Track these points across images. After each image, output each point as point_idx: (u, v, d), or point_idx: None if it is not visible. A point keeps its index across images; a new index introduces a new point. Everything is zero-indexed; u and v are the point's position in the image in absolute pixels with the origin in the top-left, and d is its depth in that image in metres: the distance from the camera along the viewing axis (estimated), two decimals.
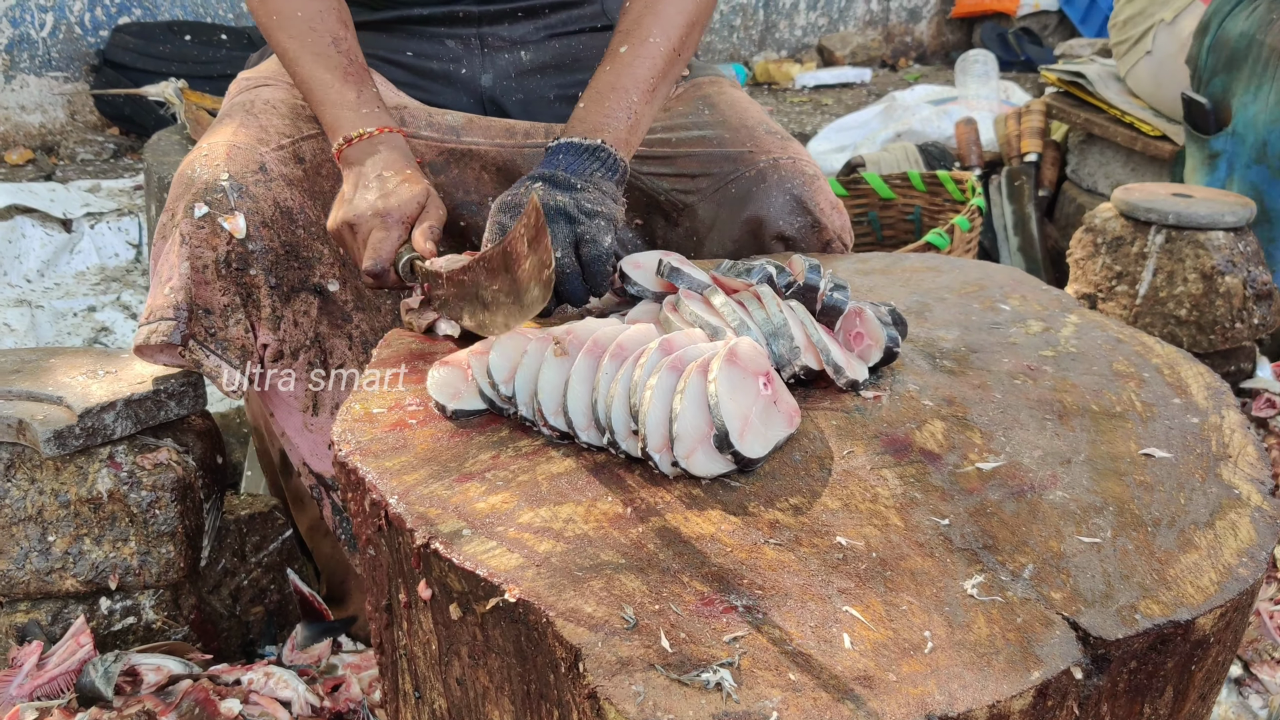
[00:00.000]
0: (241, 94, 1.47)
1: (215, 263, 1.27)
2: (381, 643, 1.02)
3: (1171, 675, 0.81)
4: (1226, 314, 1.96)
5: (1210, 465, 0.96)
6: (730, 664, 0.72)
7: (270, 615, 1.55)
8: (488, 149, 1.51)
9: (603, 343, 0.97)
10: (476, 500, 0.88)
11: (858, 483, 0.91)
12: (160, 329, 1.26)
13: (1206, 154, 2.33)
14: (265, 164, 1.33)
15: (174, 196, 1.30)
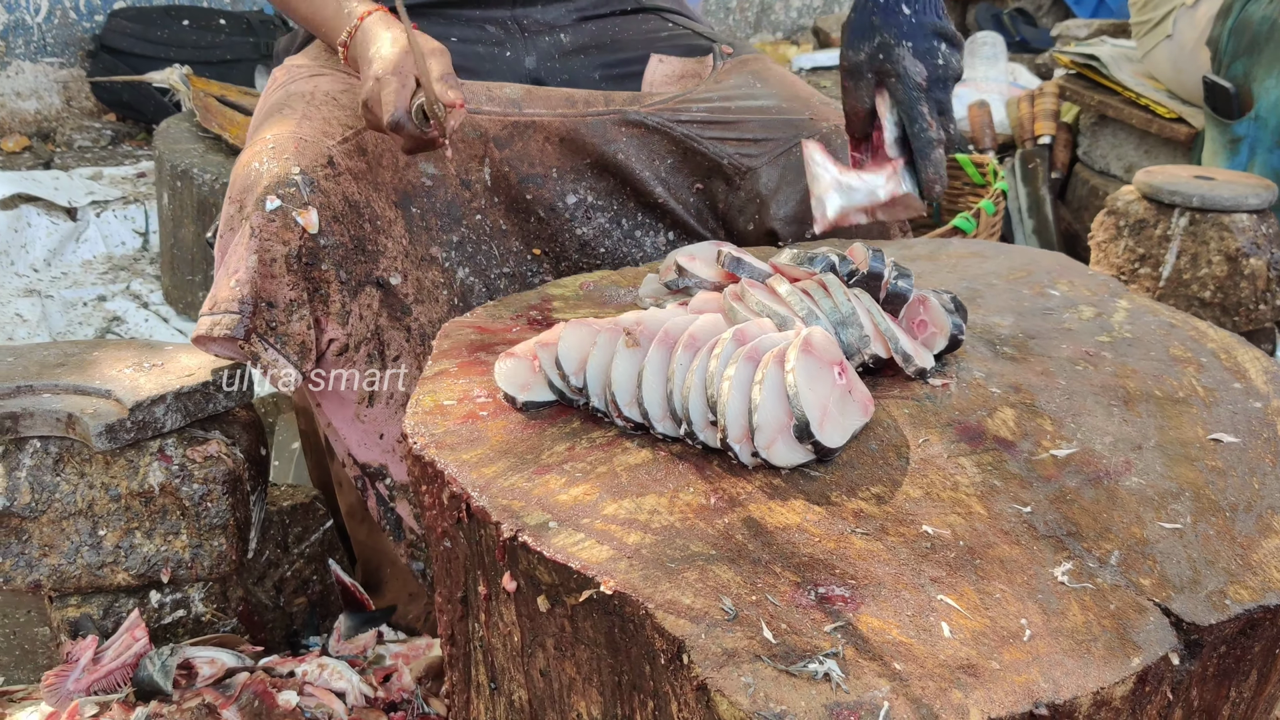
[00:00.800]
0: (296, 83, 1.45)
1: (285, 257, 1.26)
2: (454, 634, 1.03)
3: (1257, 659, 0.82)
4: (1251, 296, 1.98)
5: (1278, 450, 0.97)
6: (835, 654, 0.72)
7: (313, 606, 1.55)
8: (550, 119, 1.51)
9: (674, 333, 0.97)
10: (558, 492, 0.88)
11: (936, 471, 0.91)
12: (224, 322, 1.25)
13: (1228, 138, 2.33)
14: (333, 158, 1.33)
15: (240, 188, 1.29)
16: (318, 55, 1.52)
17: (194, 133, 2.94)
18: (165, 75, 3.30)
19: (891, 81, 1.22)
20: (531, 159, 1.51)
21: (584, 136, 1.52)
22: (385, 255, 1.33)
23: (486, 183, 1.49)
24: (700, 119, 1.55)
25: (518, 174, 1.50)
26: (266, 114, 1.41)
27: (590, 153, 1.53)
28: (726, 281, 1.12)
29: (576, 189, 1.54)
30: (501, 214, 1.52)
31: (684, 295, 1.15)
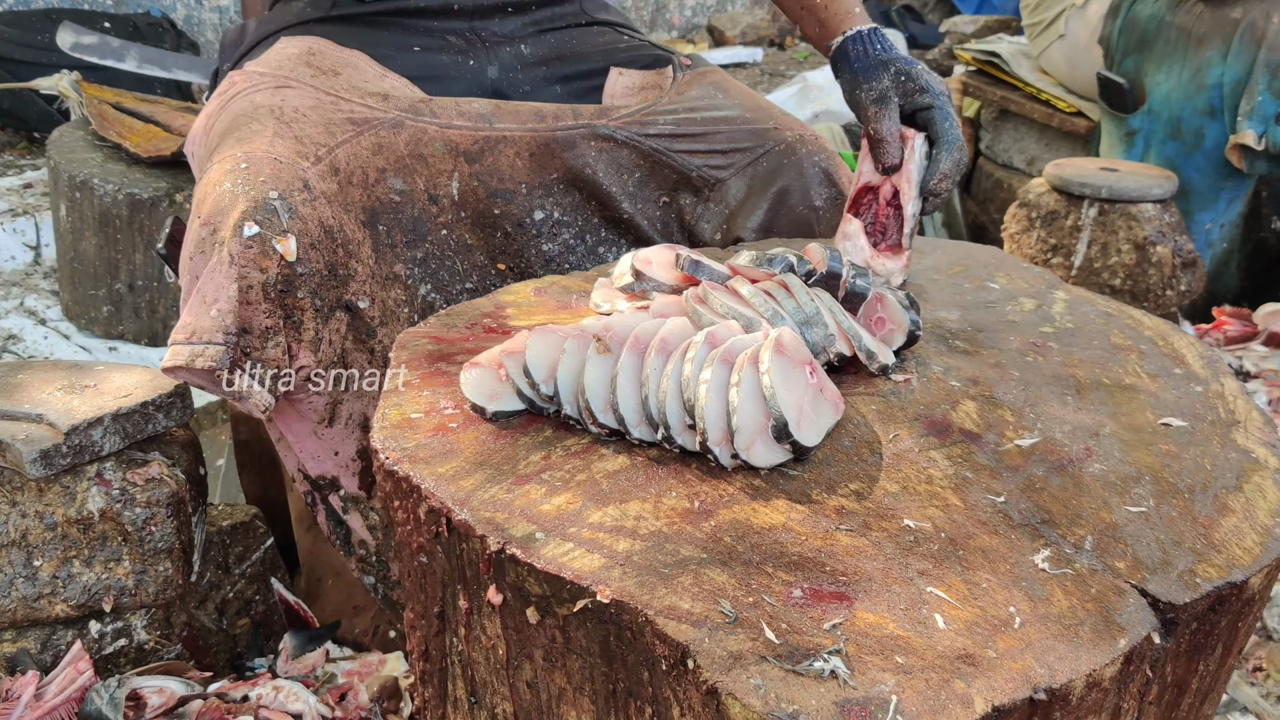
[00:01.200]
0: (260, 93, 1.40)
1: (263, 284, 1.23)
2: (428, 650, 1.01)
3: (1224, 633, 0.86)
4: (1159, 282, 2.06)
5: (1224, 431, 1.01)
6: (838, 651, 0.73)
7: (256, 627, 1.51)
8: (521, 134, 1.50)
9: (645, 338, 0.97)
10: (540, 502, 0.88)
11: (910, 465, 0.93)
12: (209, 353, 1.20)
13: (1124, 131, 2.43)
14: (308, 181, 1.29)
15: (214, 210, 1.24)
16: (280, 63, 1.47)
17: (90, 141, 2.84)
18: (54, 82, 3.17)
19: (920, 97, 1.29)
20: (501, 174, 1.50)
21: (554, 150, 1.52)
22: (355, 279, 1.30)
23: (454, 197, 1.47)
24: (668, 131, 1.56)
25: (487, 189, 1.49)
26: (231, 126, 1.35)
27: (559, 167, 1.53)
28: (684, 284, 1.13)
29: (544, 205, 1.53)
30: (467, 229, 1.50)
31: (640, 299, 1.16)
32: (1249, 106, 2.19)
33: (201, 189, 1.27)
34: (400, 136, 1.43)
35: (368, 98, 1.45)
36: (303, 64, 1.47)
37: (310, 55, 1.49)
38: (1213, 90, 2.26)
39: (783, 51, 6.84)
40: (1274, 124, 2.17)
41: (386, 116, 1.43)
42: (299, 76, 1.43)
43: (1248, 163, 2.24)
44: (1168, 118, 2.35)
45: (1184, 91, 2.31)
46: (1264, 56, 2.17)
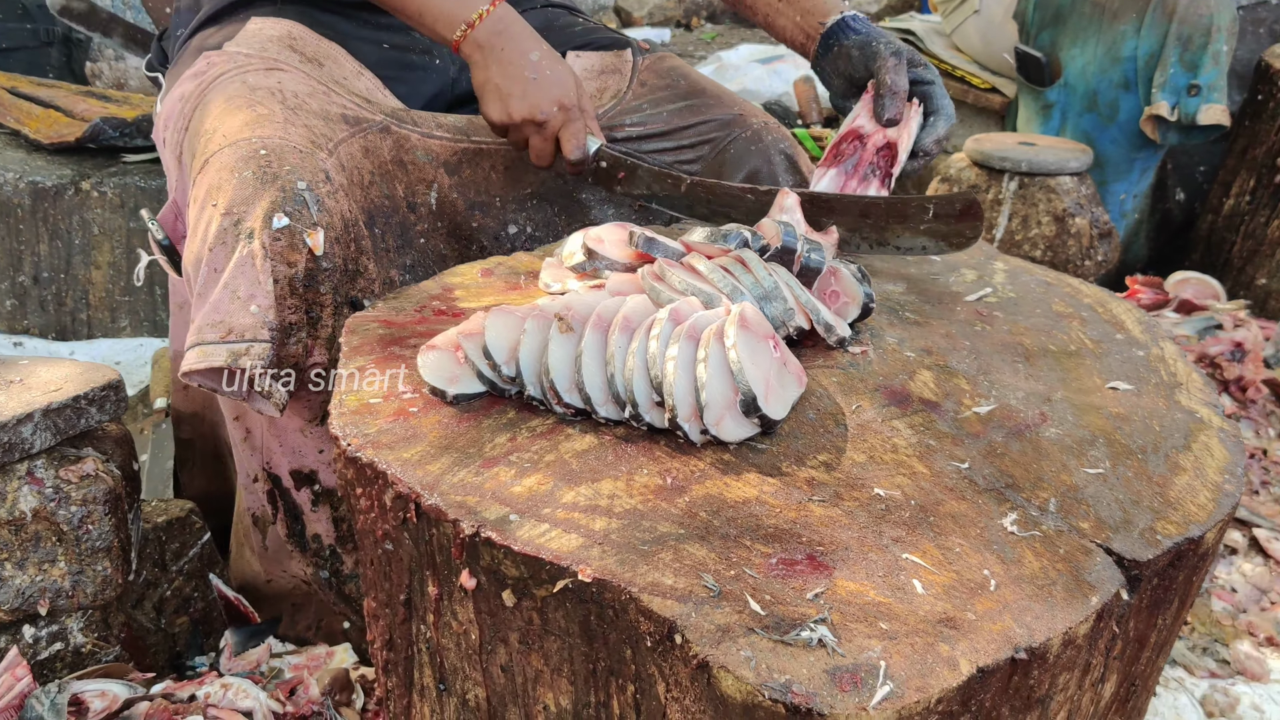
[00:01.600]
0: (251, 74, 1.34)
1: (290, 279, 1.18)
2: (393, 639, 0.99)
3: (1180, 587, 0.89)
4: (1078, 252, 2.12)
5: (1169, 393, 1.05)
6: (824, 619, 0.74)
7: (195, 625, 1.47)
8: (496, 147, 1.49)
9: (607, 316, 0.97)
10: (511, 484, 0.87)
11: (874, 435, 0.94)
12: (255, 352, 1.14)
13: (1041, 105, 2.49)
14: (329, 172, 1.24)
15: (236, 199, 1.18)
16: (264, 45, 1.41)
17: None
18: None
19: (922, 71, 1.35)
20: (479, 186, 1.48)
21: (528, 164, 1.50)
22: (363, 276, 1.27)
23: (432, 207, 1.45)
24: (636, 134, 1.56)
25: (465, 200, 1.47)
26: (227, 109, 1.28)
27: (532, 181, 1.52)
28: (639, 262, 1.12)
29: (517, 219, 1.52)
30: (443, 239, 1.47)
31: (593, 278, 1.15)
32: (1162, 79, 2.26)
33: (212, 176, 1.20)
34: (385, 142, 1.40)
35: (353, 95, 1.41)
36: (286, 48, 1.42)
37: (292, 40, 1.44)
38: (1127, 63, 2.33)
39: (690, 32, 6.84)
40: (1186, 95, 2.24)
41: (375, 119, 1.40)
42: (287, 61, 1.38)
43: (1161, 134, 2.32)
44: (1084, 91, 2.41)
45: (1099, 65, 2.37)
46: (1175, 30, 2.24)
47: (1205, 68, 2.24)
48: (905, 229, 1.20)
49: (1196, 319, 2.25)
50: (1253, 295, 2.44)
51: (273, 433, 1.32)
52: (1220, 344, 2.12)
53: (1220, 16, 2.24)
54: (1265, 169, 2.41)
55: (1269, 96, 2.41)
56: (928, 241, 1.20)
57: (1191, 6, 2.25)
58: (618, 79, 1.63)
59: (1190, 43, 2.23)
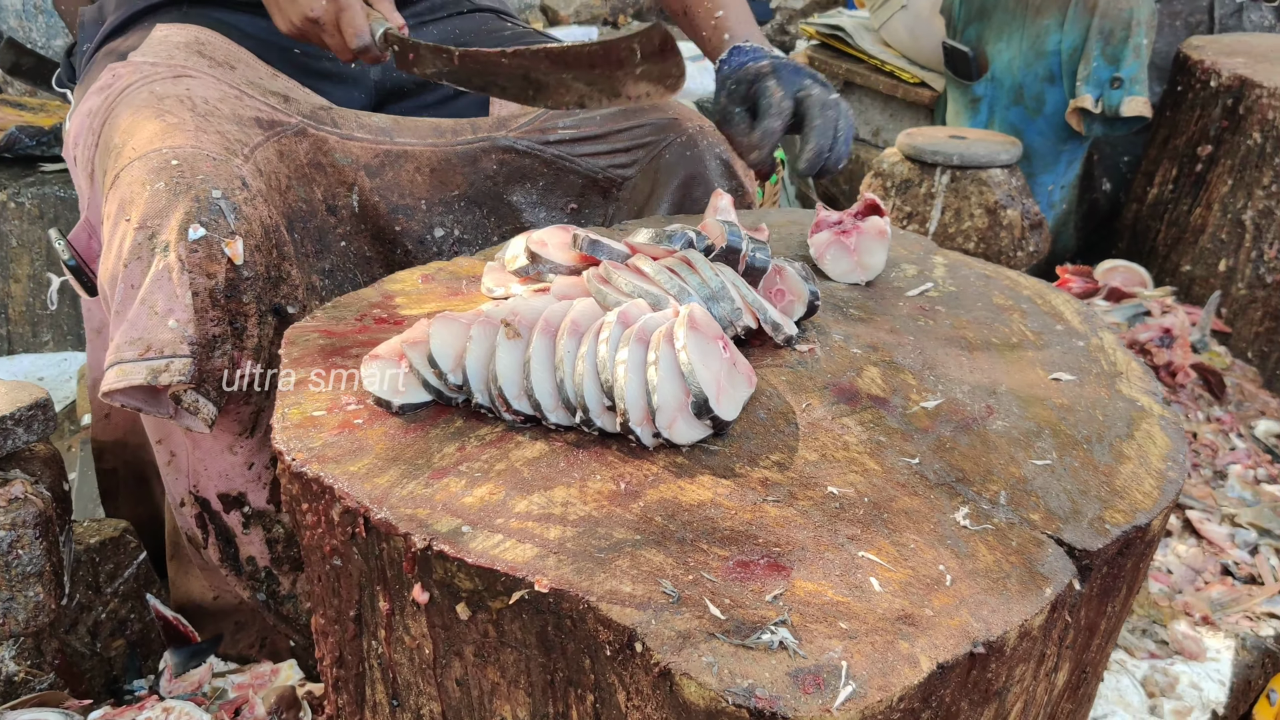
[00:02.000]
0: (158, 83, 1.29)
1: (210, 291, 1.14)
2: (343, 655, 0.97)
3: (1128, 575, 0.90)
4: (1010, 244, 2.15)
5: (1110, 383, 1.06)
6: (784, 621, 0.74)
7: (132, 648, 1.43)
8: (421, 149, 1.45)
9: (554, 321, 0.95)
10: (462, 495, 0.85)
11: (825, 433, 0.94)
12: (176, 368, 1.11)
13: (969, 99, 2.53)
14: (245, 179, 1.21)
15: (149, 212, 1.14)
16: (170, 52, 1.36)
17: None
18: None
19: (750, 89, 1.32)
20: (402, 189, 1.45)
21: (455, 166, 1.48)
22: (286, 282, 1.24)
23: (354, 209, 1.41)
24: (569, 137, 1.53)
25: (387, 204, 1.43)
26: (136, 121, 1.24)
27: (460, 184, 1.49)
28: (583, 265, 1.11)
29: (444, 222, 1.49)
30: (367, 241, 1.44)
31: (536, 282, 1.13)
32: (1085, 72, 2.31)
33: (124, 190, 1.17)
34: (301, 145, 1.37)
35: (269, 96, 1.37)
36: (194, 53, 1.38)
37: (200, 45, 1.40)
38: (1051, 57, 2.37)
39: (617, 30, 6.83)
40: (1109, 88, 2.28)
41: (290, 122, 1.36)
42: (195, 66, 1.34)
43: (1086, 126, 2.36)
44: (1010, 84, 2.45)
45: (1024, 59, 2.41)
46: (1097, 24, 2.28)
47: (1127, 60, 2.29)
48: (628, 75, 1.20)
49: (1126, 306, 2.29)
50: (1178, 282, 2.50)
51: (198, 455, 1.28)
52: (1150, 330, 2.16)
53: (1140, 10, 2.28)
54: (1186, 158, 2.47)
55: (1188, 87, 2.46)
56: (649, 86, 1.20)
57: (1112, 1, 2.30)
58: None
59: (1112, 36, 2.27)
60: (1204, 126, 2.42)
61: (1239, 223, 2.37)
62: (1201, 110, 2.43)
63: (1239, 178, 2.35)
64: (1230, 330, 2.40)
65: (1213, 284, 2.43)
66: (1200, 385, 2.14)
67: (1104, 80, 2.29)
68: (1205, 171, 2.43)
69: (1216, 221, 2.41)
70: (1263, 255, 2.34)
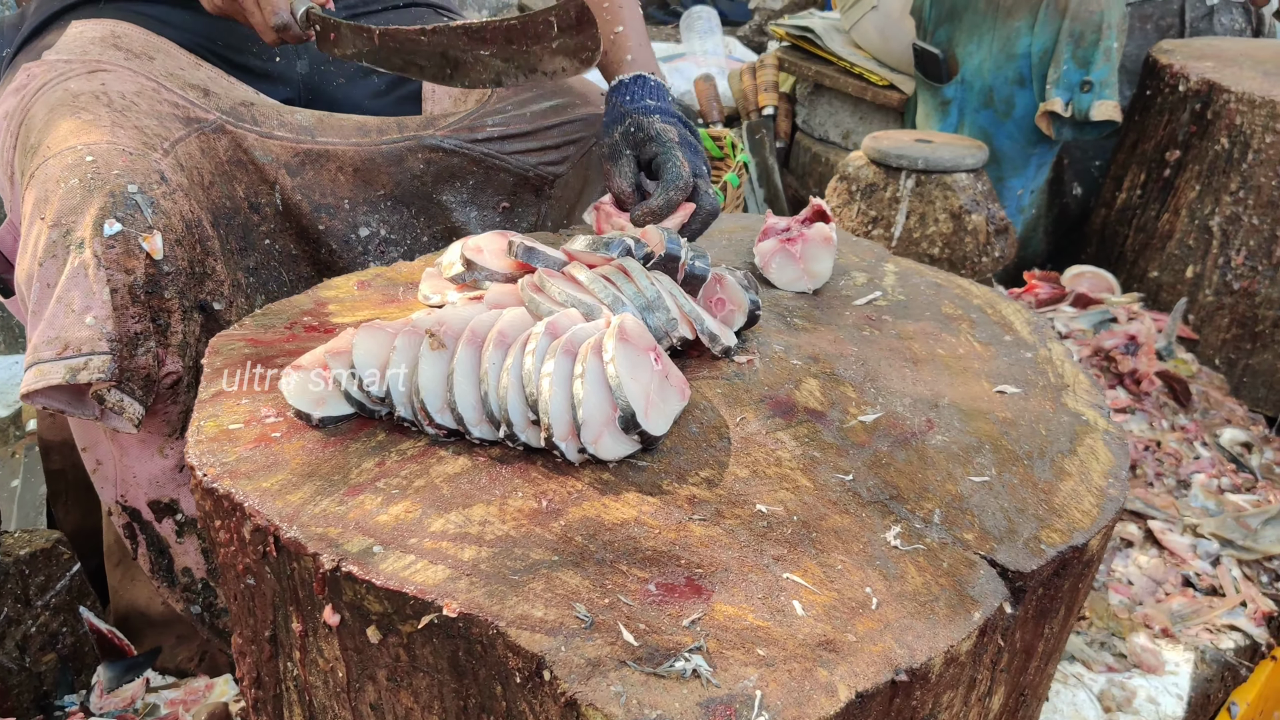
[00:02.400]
0: (73, 80, 1.26)
1: (129, 287, 1.11)
2: (260, 676, 0.94)
3: (1066, 595, 0.88)
4: (974, 249, 2.13)
5: (1055, 396, 1.04)
6: (699, 648, 0.71)
7: (64, 662, 1.39)
8: (344, 149, 1.42)
9: (481, 331, 0.92)
10: (377, 513, 0.82)
11: (758, 448, 0.91)
12: (95, 365, 1.08)
13: (939, 101, 2.50)
14: (164, 173, 1.17)
15: (64, 209, 1.11)
16: (85, 48, 1.32)
17: None
18: None
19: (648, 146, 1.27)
20: (324, 189, 1.42)
21: (380, 166, 1.45)
22: (211, 278, 1.21)
23: (277, 207, 1.38)
24: (498, 134, 1.50)
25: (310, 203, 1.40)
26: (51, 119, 1.21)
27: (385, 184, 1.46)
28: (519, 272, 1.08)
29: (369, 221, 1.46)
30: (292, 240, 1.41)
31: (473, 289, 1.10)
32: (1056, 75, 2.28)
33: (39, 189, 1.13)
34: (221, 142, 1.34)
35: (189, 89, 1.34)
36: (110, 47, 1.34)
37: (116, 38, 1.36)
38: (1022, 60, 2.34)
39: None
40: (1079, 92, 2.26)
41: (209, 118, 1.33)
42: (111, 60, 1.30)
43: (1056, 130, 2.34)
44: (980, 87, 2.42)
45: (995, 61, 2.39)
46: (1068, 26, 2.26)
47: (1097, 64, 2.27)
48: (544, 50, 1.20)
49: (1092, 312, 2.27)
50: (1145, 288, 2.48)
51: (126, 462, 1.25)
52: (1115, 338, 2.14)
53: (1110, 14, 2.26)
54: (1154, 163, 2.46)
55: (1156, 91, 2.45)
56: (565, 61, 1.20)
57: (1083, 4, 2.28)
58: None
59: (1082, 39, 2.25)
60: (1172, 131, 2.41)
61: (1206, 229, 2.35)
62: (1170, 115, 2.41)
63: (1207, 183, 2.34)
64: (1197, 337, 2.39)
65: (1180, 290, 2.41)
66: (1165, 393, 2.12)
67: (1074, 84, 2.27)
68: (1173, 177, 2.42)
69: (1184, 227, 2.39)
70: (1230, 262, 2.32)
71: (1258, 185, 2.24)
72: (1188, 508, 1.91)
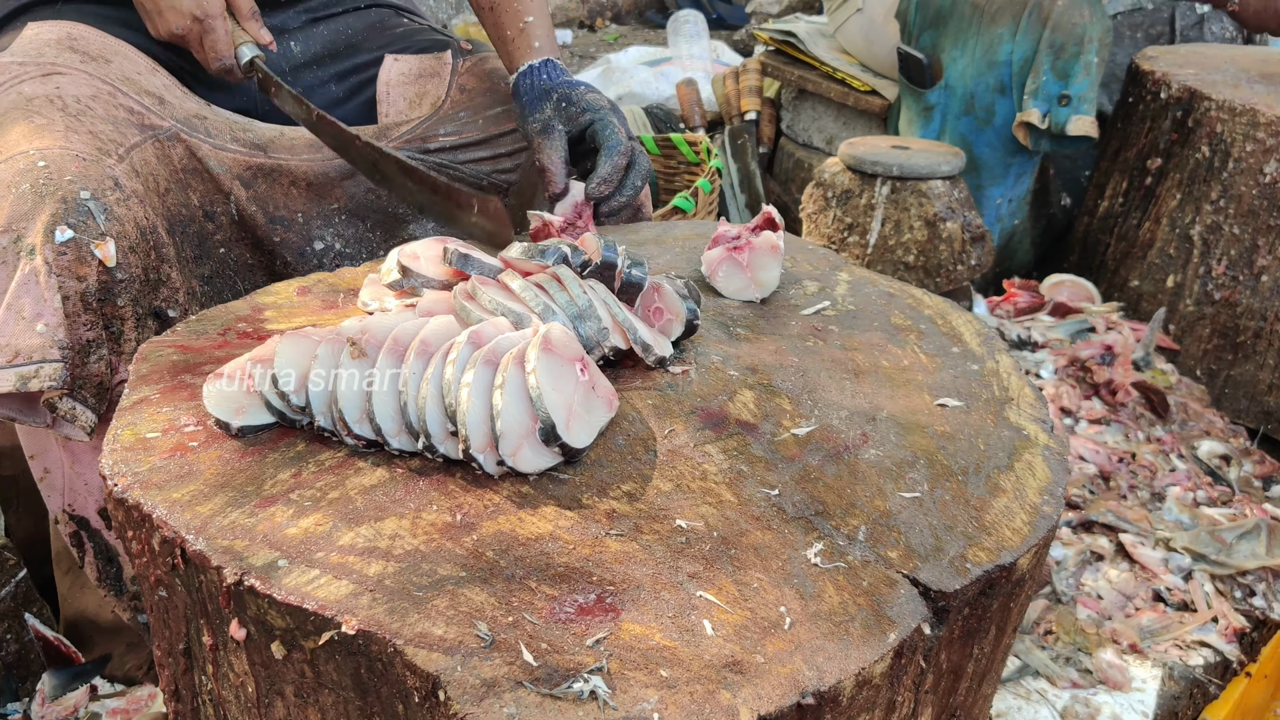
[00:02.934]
0: (26, 83, 1.24)
1: (81, 294, 1.10)
2: (178, 689, 0.92)
3: (996, 615, 0.86)
4: (949, 257, 2.11)
5: (998, 409, 1.02)
6: (599, 669, 0.69)
7: (8, 669, 1.38)
8: (296, 164, 1.41)
9: (403, 340, 0.91)
10: (286, 526, 0.80)
11: (684, 461, 0.89)
12: (46, 373, 1.07)
13: (922, 106, 2.48)
14: (118, 179, 1.16)
15: (14, 215, 1.09)
16: (39, 50, 1.31)
17: None
18: None
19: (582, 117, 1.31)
20: (278, 202, 1.41)
21: (334, 181, 1.44)
22: (166, 285, 1.20)
23: (233, 216, 1.37)
24: (450, 144, 1.49)
25: (265, 214, 1.40)
26: (2, 122, 1.19)
27: (340, 197, 1.45)
28: (455, 280, 1.06)
29: (324, 235, 1.45)
30: (247, 249, 1.40)
31: (410, 296, 1.09)
32: (1034, 85, 2.26)
33: None
34: (176, 149, 1.33)
35: (145, 95, 1.32)
36: (66, 49, 1.33)
37: (72, 40, 1.35)
38: (1003, 67, 2.32)
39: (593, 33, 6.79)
40: (1057, 104, 2.24)
41: (164, 125, 1.32)
42: (66, 63, 1.29)
43: (1033, 140, 2.32)
44: (962, 93, 2.40)
45: (977, 68, 2.37)
46: (1048, 37, 2.24)
47: (1076, 77, 2.25)
48: (463, 218, 1.27)
49: (1070, 322, 2.25)
50: (1126, 297, 2.46)
51: (77, 470, 1.23)
52: (1091, 347, 2.12)
53: (1093, 27, 2.24)
54: (1136, 171, 2.43)
55: (1139, 98, 2.43)
56: (479, 231, 1.26)
57: (1066, 14, 2.25)
58: (437, 84, 1.57)
59: (1063, 51, 2.23)
60: (1154, 139, 2.39)
61: (1187, 238, 2.33)
62: (1152, 122, 2.39)
63: (1188, 192, 2.32)
64: (1178, 348, 2.37)
65: (1160, 300, 2.39)
66: (1142, 404, 2.10)
67: (1053, 96, 2.24)
68: (1155, 185, 2.39)
69: (1165, 236, 2.37)
70: (1211, 271, 2.30)
71: (1238, 194, 2.22)
72: (1161, 521, 1.88)
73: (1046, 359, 2.11)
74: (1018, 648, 1.61)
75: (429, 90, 1.55)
